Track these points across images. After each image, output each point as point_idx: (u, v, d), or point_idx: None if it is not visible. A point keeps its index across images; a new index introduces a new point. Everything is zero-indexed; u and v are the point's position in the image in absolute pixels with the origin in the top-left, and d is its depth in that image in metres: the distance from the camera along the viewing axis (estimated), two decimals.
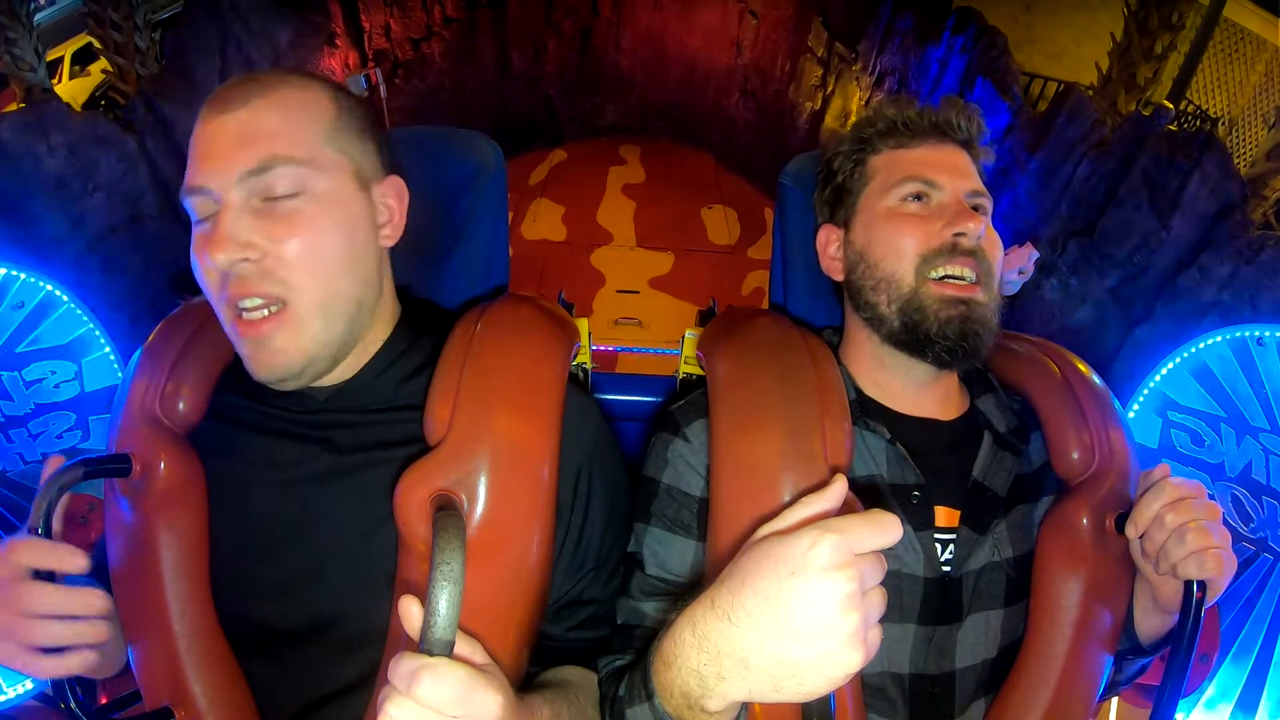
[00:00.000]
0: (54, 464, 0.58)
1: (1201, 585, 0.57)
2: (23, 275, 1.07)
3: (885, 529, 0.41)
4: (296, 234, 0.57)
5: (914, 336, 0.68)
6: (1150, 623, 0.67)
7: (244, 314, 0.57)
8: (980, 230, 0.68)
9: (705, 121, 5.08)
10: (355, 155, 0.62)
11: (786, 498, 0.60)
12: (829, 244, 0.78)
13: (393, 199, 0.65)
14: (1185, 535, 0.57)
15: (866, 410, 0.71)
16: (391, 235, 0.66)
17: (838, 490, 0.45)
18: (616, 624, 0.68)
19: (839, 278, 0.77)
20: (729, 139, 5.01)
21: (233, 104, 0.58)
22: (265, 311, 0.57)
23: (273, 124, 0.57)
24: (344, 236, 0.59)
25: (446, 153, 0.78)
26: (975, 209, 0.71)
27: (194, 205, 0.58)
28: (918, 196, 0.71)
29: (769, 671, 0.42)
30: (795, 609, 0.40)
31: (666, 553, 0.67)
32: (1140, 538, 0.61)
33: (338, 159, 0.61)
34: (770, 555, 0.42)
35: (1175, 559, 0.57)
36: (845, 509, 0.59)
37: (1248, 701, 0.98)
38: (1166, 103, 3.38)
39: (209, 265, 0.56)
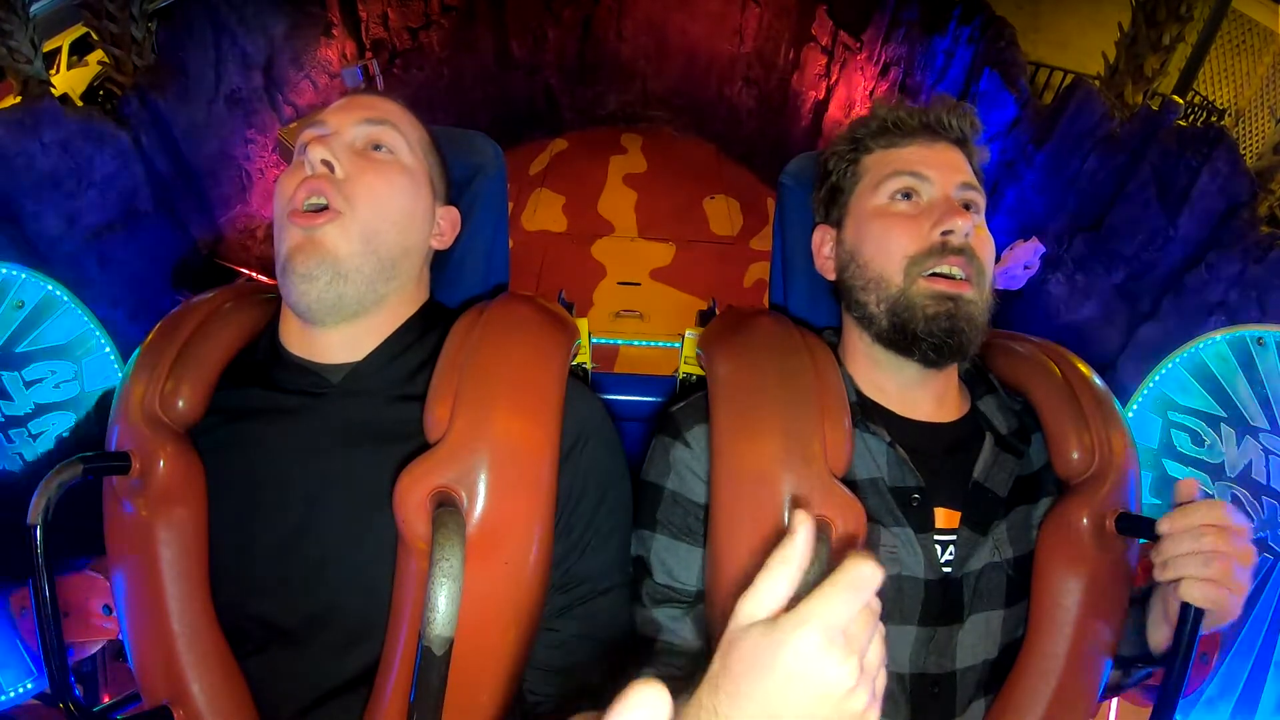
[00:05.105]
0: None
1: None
2: (23, 275, 1.06)
3: (864, 584, 0.38)
4: (376, 173, 0.67)
5: (901, 335, 0.67)
6: (1161, 634, 0.65)
7: (303, 210, 0.64)
8: (968, 227, 0.67)
9: (707, 111, 5.03)
10: (434, 172, 0.75)
11: (786, 501, 0.60)
12: (823, 244, 0.78)
13: (446, 221, 0.76)
14: (1212, 561, 0.55)
15: (867, 412, 0.71)
16: (439, 243, 0.75)
17: (802, 541, 0.40)
18: (635, 633, 0.67)
19: (832, 278, 0.77)
20: (731, 128, 4.96)
21: (361, 96, 0.73)
22: (324, 206, 0.65)
23: (392, 109, 0.72)
24: (406, 203, 0.69)
25: (446, 152, 0.78)
26: (966, 204, 0.70)
27: (305, 137, 0.68)
28: (906, 194, 0.70)
29: None
30: (805, 714, 0.38)
31: (674, 561, 0.67)
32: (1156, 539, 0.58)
33: (423, 164, 0.73)
34: (765, 664, 0.39)
35: (1188, 573, 0.56)
36: (849, 511, 0.60)
37: (1248, 701, 0.98)
38: (1175, 97, 3.35)
39: (305, 158, 0.66)
